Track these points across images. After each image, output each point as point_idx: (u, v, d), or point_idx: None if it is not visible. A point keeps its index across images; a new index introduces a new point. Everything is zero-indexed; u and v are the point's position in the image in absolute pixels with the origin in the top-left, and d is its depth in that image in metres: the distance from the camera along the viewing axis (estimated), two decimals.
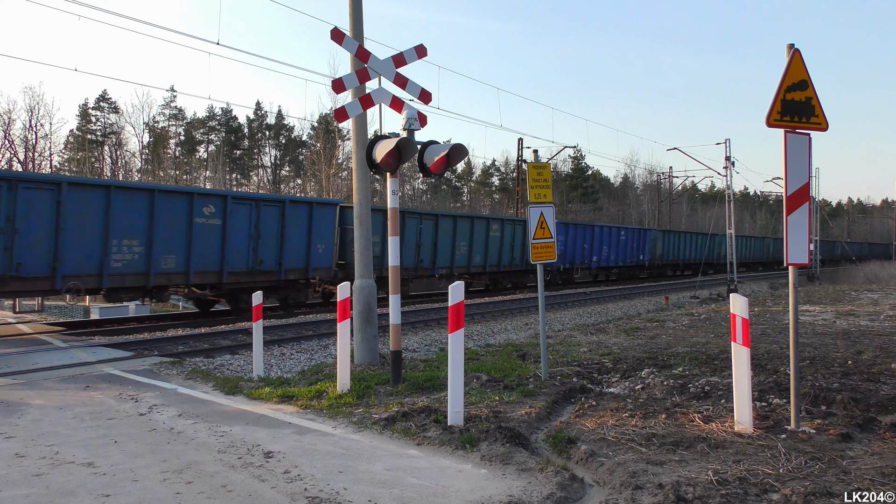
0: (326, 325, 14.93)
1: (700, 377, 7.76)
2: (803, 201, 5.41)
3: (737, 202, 65.85)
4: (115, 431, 5.63)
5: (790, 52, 5.42)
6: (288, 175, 70.88)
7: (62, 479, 4.42)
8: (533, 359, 9.51)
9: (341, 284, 7.31)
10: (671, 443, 5.12)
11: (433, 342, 13.36)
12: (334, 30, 7.56)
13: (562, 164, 76.74)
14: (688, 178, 54.38)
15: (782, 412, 5.95)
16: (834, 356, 9.29)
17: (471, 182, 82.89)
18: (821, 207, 53.25)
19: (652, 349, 10.39)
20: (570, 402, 6.93)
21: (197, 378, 8.16)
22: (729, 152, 28.97)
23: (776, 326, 13.37)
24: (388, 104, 7.97)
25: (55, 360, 9.32)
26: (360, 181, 8.85)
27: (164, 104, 64.44)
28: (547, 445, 5.36)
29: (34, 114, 47.90)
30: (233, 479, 4.43)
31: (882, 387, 7.13)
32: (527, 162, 9.79)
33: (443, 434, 5.32)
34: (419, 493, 4.16)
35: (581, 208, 73.85)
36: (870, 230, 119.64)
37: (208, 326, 15.08)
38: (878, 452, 4.86)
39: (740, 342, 5.33)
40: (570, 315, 19.49)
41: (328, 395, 6.94)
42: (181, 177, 56.12)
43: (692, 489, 4.07)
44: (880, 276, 44.70)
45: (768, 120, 5.37)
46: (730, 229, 28.93)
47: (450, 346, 5.66)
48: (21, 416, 6.16)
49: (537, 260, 7.73)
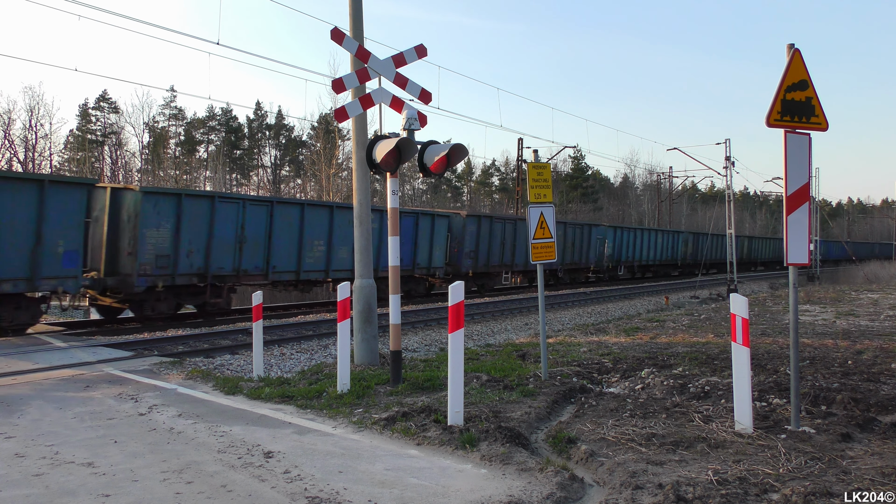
0: (326, 325, 14.94)
1: (700, 377, 7.76)
2: (803, 201, 5.41)
3: (737, 202, 65.85)
4: (115, 431, 5.63)
5: (790, 52, 5.42)
6: (288, 175, 70.88)
7: (62, 479, 4.42)
8: (533, 359, 9.51)
9: (341, 284, 7.31)
10: (671, 443, 5.12)
11: (433, 342, 13.36)
12: (334, 30, 7.57)
13: (562, 164, 76.77)
14: (688, 178, 54.41)
15: (782, 412, 5.95)
16: (834, 356, 9.29)
17: (471, 182, 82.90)
18: (821, 207, 53.22)
19: (652, 349, 10.39)
20: (570, 402, 6.93)
21: (197, 378, 8.16)
22: (729, 152, 28.99)
23: (776, 326, 13.38)
24: (388, 104, 7.97)
25: (55, 360, 9.32)
26: (360, 181, 8.85)
27: (164, 104, 64.41)
28: (547, 445, 5.36)
29: (34, 114, 47.86)
30: (233, 478, 4.43)
31: (882, 387, 7.13)
32: (527, 162, 9.79)
33: (443, 434, 5.32)
34: (419, 493, 4.16)
35: (581, 208, 73.82)
36: (870, 230, 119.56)
37: (208, 326, 15.09)
38: (878, 452, 4.86)
39: (740, 342, 5.33)
40: (570, 315, 19.49)
41: (328, 395, 6.94)
42: (181, 177, 56.10)
43: (692, 489, 4.07)
44: (880, 276, 44.67)
45: (768, 120, 5.37)
46: (730, 229, 28.94)
47: (450, 346, 5.66)
48: (21, 416, 6.16)
49: (537, 260, 7.73)
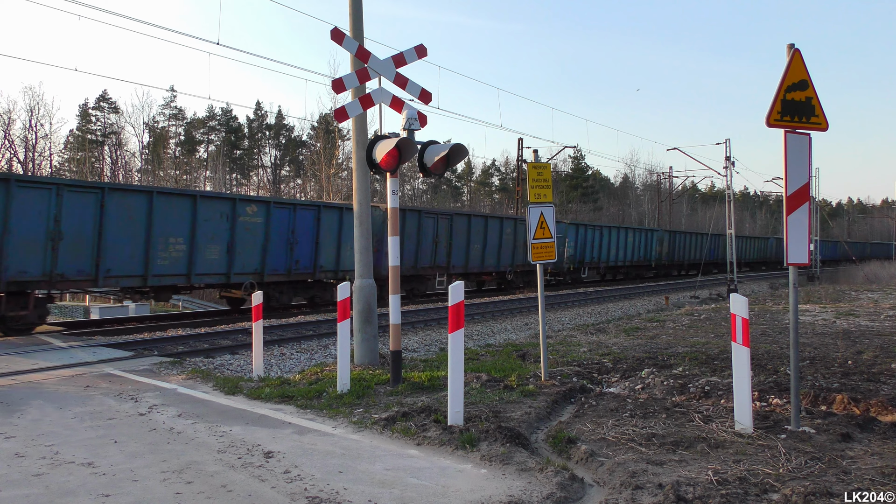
0: (326, 325, 14.94)
1: (700, 377, 7.76)
2: (803, 201, 5.41)
3: (737, 202, 65.79)
4: (114, 431, 5.63)
5: (790, 52, 5.42)
6: (288, 175, 70.88)
7: (62, 479, 4.42)
8: (533, 359, 9.51)
9: (341, 284, 7.31)
10: (671, 443, 5.12)
11: (433, 342, 13.36)
12: (334, 30, 7.56)
13: (562, 164, 76.83)
14: (688, 178, 54.25)
15: (782, 412, 5.95)
16: (834, 356, 9.29)
17: (471, 182, 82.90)
18: (821, 207, 53.20)
19: (652, 349, 10.39)
20: (570, 402, 6.93)
21: (197, 378, 8.16)
22: (729, 152, 29.00)
23: (776, 326, 13.37)
24: (388, 104, 7.97)
25: (55, 360, 9.32)
26: (360, 181, 8.85)
27: (164, 104, 64.53)
28: (547, 445, 5.35)
29: (34, 114, 47.97)
30: (233, 478, 4.43)
31: (882, 387, 7.13)
32: (527, 162, 9.78)
33: (443, 434, 5.32)
34: (419, 493, 4.16)
35: (581, 208, 73.83)
36: (870, 230, 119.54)
37: (208, 326, 15.10)
38: (878, 452, 4.86)
39: (740, 342, 5.33)
40: (570, 315, 19.49)
41: (328, 395, 6.94)
42: (181, 177, 56.11)
43: (692, 489, 4.07)
44: (880, 276, 44.67)
45: (768, 120, 5.37)
46: (730, 229, 28.94)
47: (450, 346, 5.66)
48: (21, 416, 6.16)
49: (537, 260, 7.73)
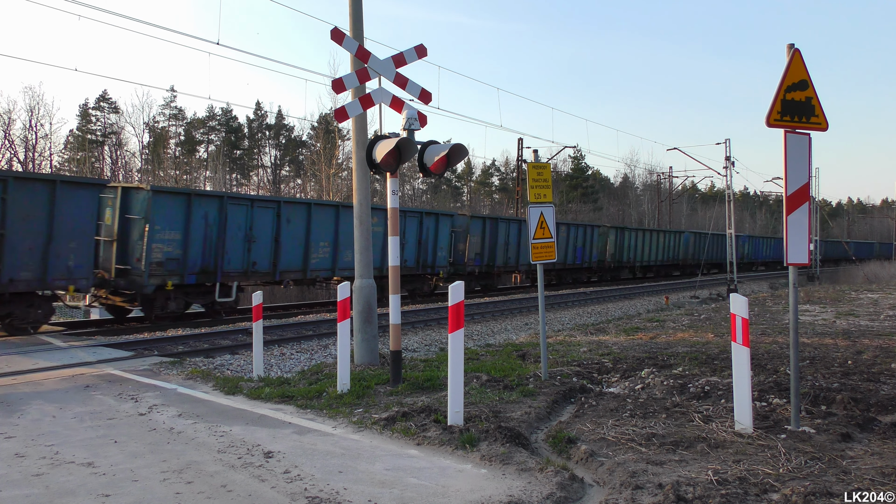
0: (326, 325, 14.94)
1: (700, 377, 7.76)
2: (803, 201, 5.41)
3: (737, 202, 65.79)
4: (115, 431, 5.63)
5: (790, 51, 5.42)
6: (288, 175, 70.86)
7: (62, 479, 4.42)
8: (533, 359, 9.51)
9: (341, 284, 7.31)
10: (671, 443, 5.12)
11: (433, 342, 13.36)
12: (334, 30, 7.56)
13: (562, 164, 76.72)
14: (688, 178, 54.20)
15: (782, 412, 5.95)
16: (834, 356, 9.29)
17: (471, 182, 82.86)
18: (821, 207, 53.19)
19: (652, 349, 10.39)
20: (570, 402, 6.93)
21: (197, 378, 8.16)
22: (729, 152, 28.98)
23: (776, 326, 13.37)
24: (388, 104, 7.97)
25: (55, 360, 9.32)
26: (360, 181, 8.85)
27: (164, 104, 64.36)
28: (547, 445, 5.36)
29: (34, 114, 47.82)
30: (233, 478, 4.43)
31: (882, 387, 7.13)
32: (527, 162, 9.79)
33: (443, 434, 5.32)
34: (419, 493, 4.16)
35: (581, 208, 73.79)
36: (870, 230, 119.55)
37: (208, 326, 15.09)
38: (878, 452, 4.86)
39: (740, 342, 5.33)
40: (570, 315, 19.49)
41: (328, 395, 6.94)
42: (181, 177, 56.09)
43: (692, 489, 4.07)
44: (880, 276, 44.67)
45: (768, 120, 5.37)
46: (730, 229, 28.93)
47: (450, 346, 5.66)
48: (21, 416, 6.16)
49: (537, 260, 7.73)
